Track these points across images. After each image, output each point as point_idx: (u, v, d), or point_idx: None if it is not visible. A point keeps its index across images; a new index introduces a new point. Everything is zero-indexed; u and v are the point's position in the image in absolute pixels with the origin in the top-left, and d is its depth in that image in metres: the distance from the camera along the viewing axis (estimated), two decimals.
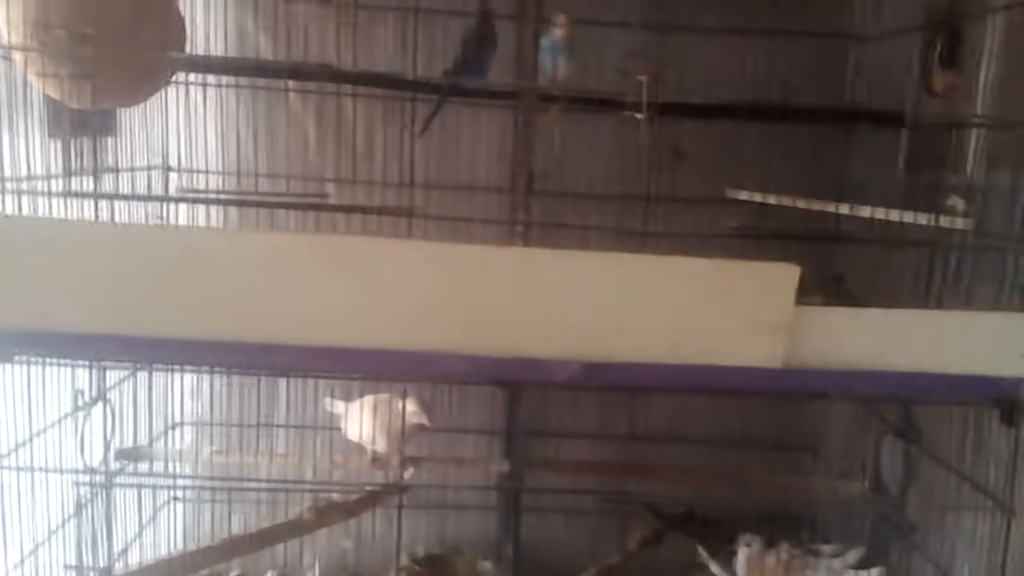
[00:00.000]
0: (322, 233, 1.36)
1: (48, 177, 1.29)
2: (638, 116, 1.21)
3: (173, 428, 1.94)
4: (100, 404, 1.55)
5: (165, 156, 1.78)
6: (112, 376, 1.61)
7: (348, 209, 1.34)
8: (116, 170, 1.60)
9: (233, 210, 1.67)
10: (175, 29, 1.32)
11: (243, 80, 1.71)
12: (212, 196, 1.59)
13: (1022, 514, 1.34)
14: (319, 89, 1.60)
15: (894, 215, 1.43)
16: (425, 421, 1.62)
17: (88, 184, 1.38)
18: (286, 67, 1.38)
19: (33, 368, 1.31)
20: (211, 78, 1.71)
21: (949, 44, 1.54)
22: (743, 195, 1.81)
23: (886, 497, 1.64)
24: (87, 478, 1.42)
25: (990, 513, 1.36)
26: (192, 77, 1.70)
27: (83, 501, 1.43)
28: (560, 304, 1.24)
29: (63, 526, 1.45)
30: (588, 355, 1.25)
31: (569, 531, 1.97)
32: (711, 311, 1.22)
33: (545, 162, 1.65)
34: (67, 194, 1.23)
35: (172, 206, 1.63)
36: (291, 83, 1.70)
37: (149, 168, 1.72)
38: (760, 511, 1.81)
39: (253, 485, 1.70)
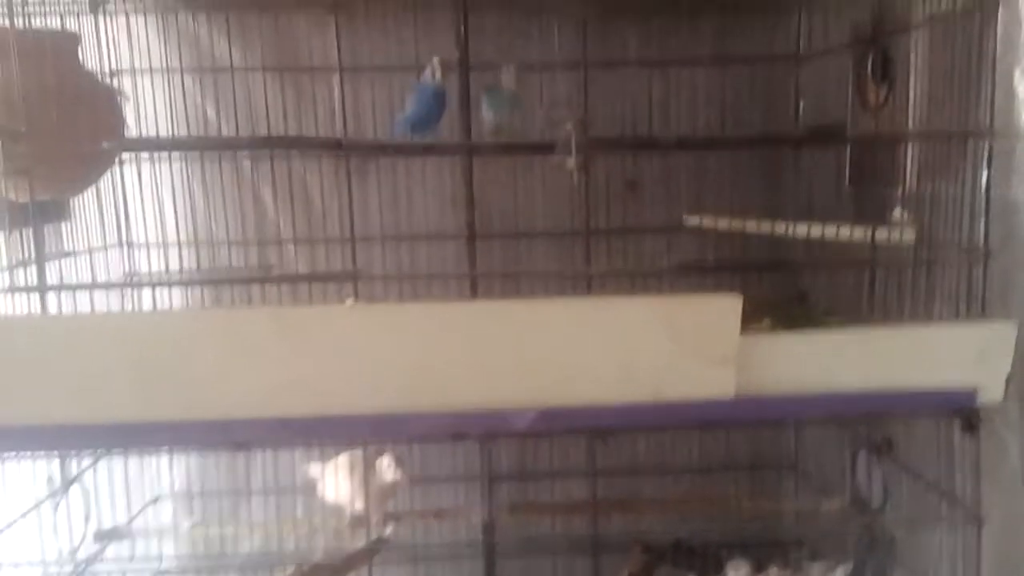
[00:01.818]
0: (272, 301, 1.37)
1: None
2: (569, 164, 1.23)
3: (154, 502, 1.93)
4: (73, 488, 1.55)
5: (122, 234, 1.80)
6: (84, 459, 1.61)
7: (292, 279, 1.35)
8: (72, 254, 1.61)
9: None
10: (109, 117, 1.34)
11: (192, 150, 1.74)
12: (154, 279, 1.61)
13: (993, 520, 1.34)
14: (268, 155, 1.63)
15: (837, 231, 1.44)
16: (400, 477, 1.62)
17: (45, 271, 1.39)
18: (218, 141, 1.40)
19: None
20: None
21: (880, 59, 1.57)
22: (697, 221, 1.82)
23: (865, 512, 1.64)
24: (57, 568, 1.41)
25: (961, 523, 1.36)
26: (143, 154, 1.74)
27: None
28: (511, 354, 1.24)
29: None
30: (544, 402, 1.25)
31: (556, 572, 1.96)
32: (659, 348, 1.23)
33: (494, 206, 1.69)
34: (12, 289, 1.24)
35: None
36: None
37: (107, 247, 1.73)
38: (746, 535, 1.81)
39: (236, 560, 1.69)
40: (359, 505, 1.66)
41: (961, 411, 1.32)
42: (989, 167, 1.26)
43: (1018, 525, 1.31)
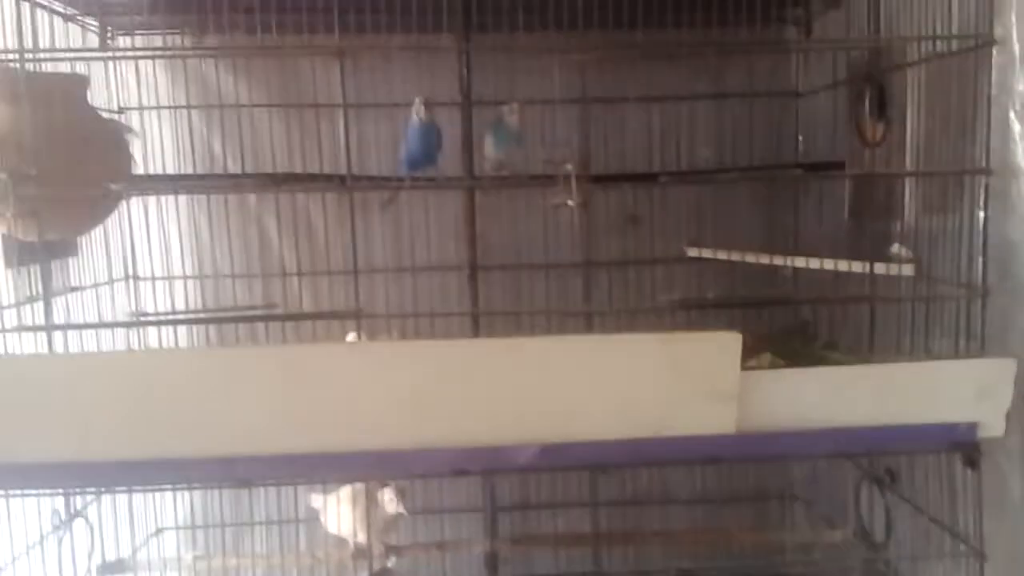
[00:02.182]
0: (276, 336, 1.38)
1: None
2: (569, 203, 1.25)
3: (157, 534, 1.93)
4: (78, 521, 1.56)
5: (128, 268, 1.82)
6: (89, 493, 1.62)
7: (296, 317, 1.36)
8: (79, 288, 1.63)
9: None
10: (117, 158, 1.37)
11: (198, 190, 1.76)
12: (161, 318, 1.63)
13: (996, 555, 1.34)
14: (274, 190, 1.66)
15: (836, 265, 1.46)
16: (402, 510, 1.62)
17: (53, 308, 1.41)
18: (225, 181, 1.43)
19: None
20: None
21: (877, 97, 1.58)
22: (698, 253, 1.84)
23: (869, 544, 1.63)
24: None
25: (963, 558, 1.36)
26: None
27: None
28: (514, 390, 1.25)
29: None
30: (546, 437, 1.26)
31: None
32: (661, 384, 1.24)
33: (496, 240, 1.71)
34: (20, 328, 1.25)
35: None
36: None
37: (112, 281, 1.75)
38: (749, 568, 1.80)
39: None
40: (361, 537, 1.67)
41: (962, 446, 1.33)
42: (986, 205, 1.28)
43: (1021, 560, 1.31)
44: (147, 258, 1.84)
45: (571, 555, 1.81)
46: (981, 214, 1.30)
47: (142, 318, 1.59)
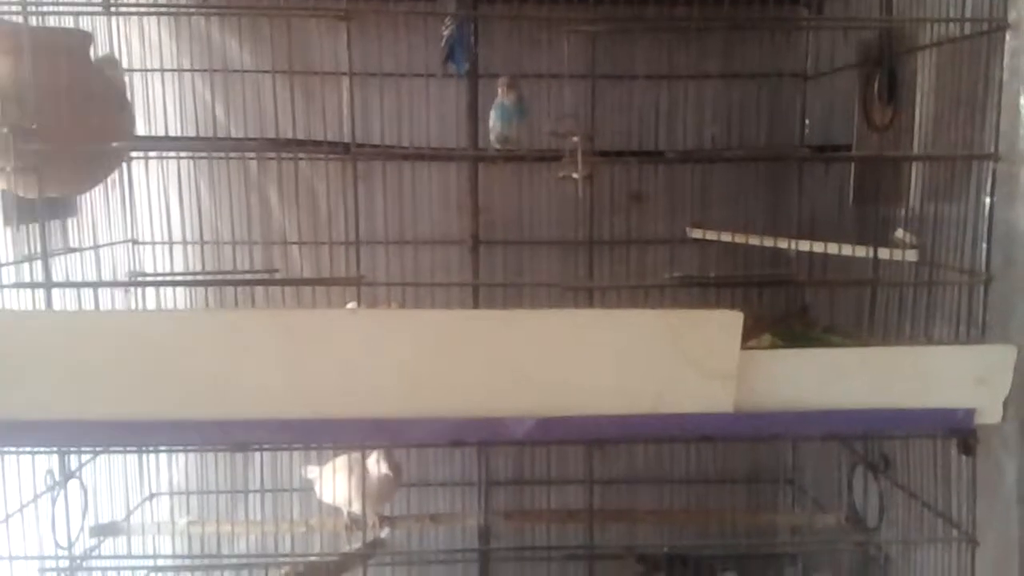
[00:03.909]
0: (276, 303, 1.38)
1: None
2: (575, 175, 1.24)
3: (151, 498, 1.94)
4: (71, 482, 1.56)
5: (132, 230, 1.81)
6: (83, 454, 1.62)
7: (296, 283, 1.36)
8: (78, 250, 1.62)
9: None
10: (119, 116, 1.35)
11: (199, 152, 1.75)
12: (160, 279, 1.62)
13: (987, 542, 1.35)
14: (275, 156, 1.65)
15: (840, 248, 1.45)
16: (387, 471, 1.62)
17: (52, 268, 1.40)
18: (226, 143, 1.42)
19: None
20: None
21: (886, 80, 1.57)
22: (701, 234, 1.84)
23: (861, 529, 1.64)
24: (54, 563, 1.42)
25: (955, 543, 1.37)
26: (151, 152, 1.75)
27: None
28: (512, 362, 1.25)
29: None
30: (543, 411, 1.26)
31: None
32: (660, 360, 1.24)
33: (499, 214, 1.70)
34: (18, 285, 1.24)
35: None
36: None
37: (112, 244, 1.74)
38: (741, 548, 1.82)
39: (232, 558, 1.70)
40: (356, 507, 1.67)
41: (959, 432, 1.33)
42: (992, 191, 1.27)
43: (1012, 547, 1.31)
44: (147, 222, 1.84)
45: (564, 531, 1.82)
46: (987, 200, 1.29)
47: (141, 279, 1.58)
